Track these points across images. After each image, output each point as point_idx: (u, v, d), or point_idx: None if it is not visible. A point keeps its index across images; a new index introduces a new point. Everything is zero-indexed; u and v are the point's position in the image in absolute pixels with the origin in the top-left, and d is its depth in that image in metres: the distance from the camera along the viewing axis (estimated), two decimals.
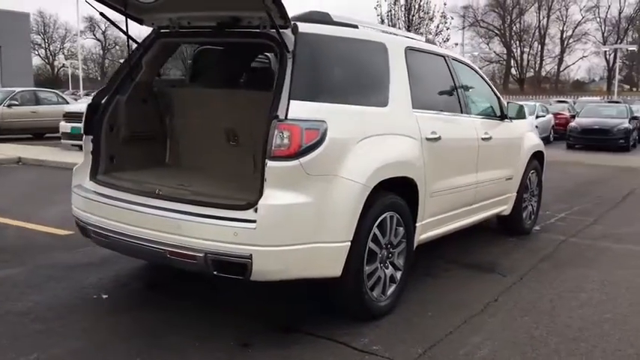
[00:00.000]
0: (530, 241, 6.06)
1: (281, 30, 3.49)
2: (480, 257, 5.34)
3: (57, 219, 6.14)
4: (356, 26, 4.08)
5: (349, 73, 3.85)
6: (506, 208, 5.86)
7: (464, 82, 5.14)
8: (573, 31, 66.56)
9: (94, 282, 4.41)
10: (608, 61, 65.82)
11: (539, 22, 67.10)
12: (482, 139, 5.11)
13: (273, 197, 3.22)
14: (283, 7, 3.28)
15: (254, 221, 3.21)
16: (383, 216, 3.74)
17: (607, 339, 3.61)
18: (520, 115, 5.87)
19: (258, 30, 3.62)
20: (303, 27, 3.53)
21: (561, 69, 70.06)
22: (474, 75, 5.54)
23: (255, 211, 3.25)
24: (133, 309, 3.93)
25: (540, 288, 4.54)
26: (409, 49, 4.38)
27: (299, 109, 3.29)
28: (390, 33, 4.61)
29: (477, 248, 5.64)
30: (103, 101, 4.11)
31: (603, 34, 65.74)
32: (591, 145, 18.01)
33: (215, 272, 3.31)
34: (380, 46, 4.11)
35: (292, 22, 3.46)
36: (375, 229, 3.68)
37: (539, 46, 68.74)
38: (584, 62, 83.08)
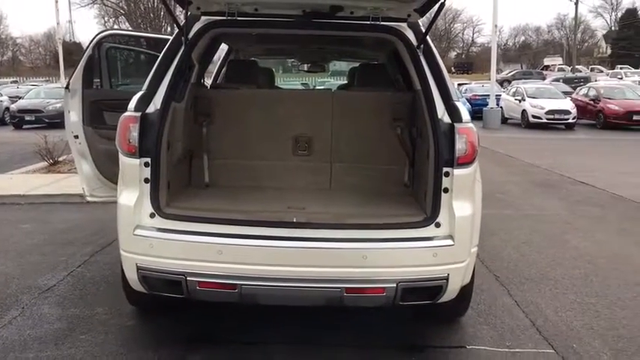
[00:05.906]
0: None
1: (398, 23, 3.14)
2: None
3: None
4: None
5: None
6: None
7: None
8: None
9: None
10: None
11: None
12: None
13: (461, 208, 2.95)
14: None
15: (450, 237, 2.88)
16: None
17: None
18: None
19: (370, 22, 3.14)
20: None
21: None
22: None
23: (437, 226, 2.92)
24: None
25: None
26: None
27: (464, 111, 3.03)
28: None
29: None
30: (153, 110, 2.97)
31: None
32: None
33: (401, 302, 2.86)
34: None
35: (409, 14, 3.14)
36: None
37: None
38: None
